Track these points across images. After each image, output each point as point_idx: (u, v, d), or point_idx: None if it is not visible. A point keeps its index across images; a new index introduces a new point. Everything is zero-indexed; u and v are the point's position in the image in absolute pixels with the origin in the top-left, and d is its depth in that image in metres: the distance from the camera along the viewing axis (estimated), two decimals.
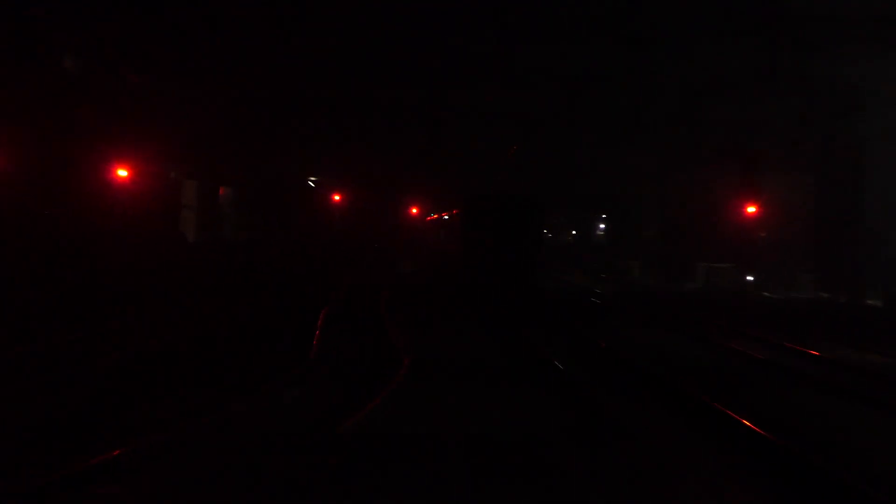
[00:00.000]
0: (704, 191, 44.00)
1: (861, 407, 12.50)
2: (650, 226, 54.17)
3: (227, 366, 14.33)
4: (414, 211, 64.12)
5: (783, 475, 8.60)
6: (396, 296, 30.57)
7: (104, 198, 30.02)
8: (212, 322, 20.44)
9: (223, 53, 27.51)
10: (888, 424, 11.54)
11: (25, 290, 22.67)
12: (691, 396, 12.08)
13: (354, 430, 9.99)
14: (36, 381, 12.35)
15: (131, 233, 31.36)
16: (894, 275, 32.99)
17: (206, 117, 35.01)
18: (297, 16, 24.05)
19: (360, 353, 16.38)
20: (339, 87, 32.34)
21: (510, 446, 9.49)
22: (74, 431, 9.61)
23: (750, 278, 40.43)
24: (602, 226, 74.48)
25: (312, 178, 55.67)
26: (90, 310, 20.89)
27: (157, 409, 10.85)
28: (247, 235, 46.41)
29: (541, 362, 15.51)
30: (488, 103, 34.56)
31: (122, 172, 30.10)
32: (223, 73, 29.94)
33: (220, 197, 45.95)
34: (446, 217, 62.11)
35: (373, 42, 26.37)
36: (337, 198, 55.12)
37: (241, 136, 39.06)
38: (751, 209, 36.11)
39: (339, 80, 31.16)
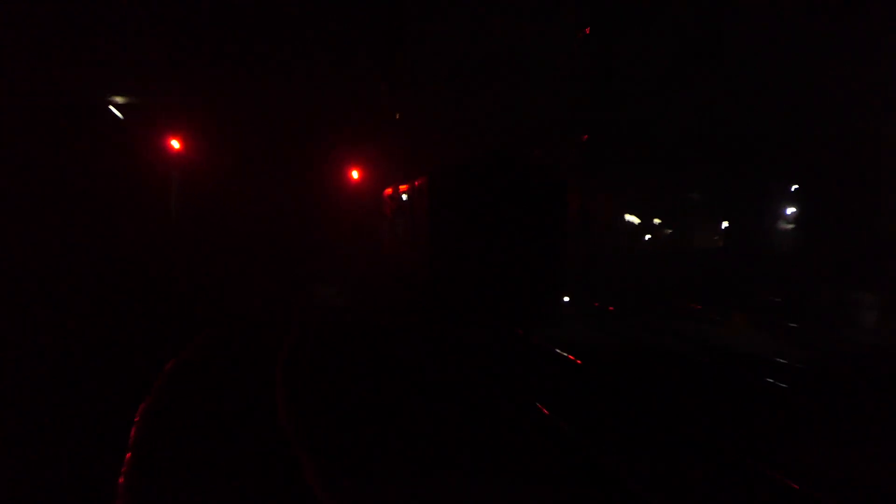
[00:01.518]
0: None
1: None
2: None
3: None
4: (355, 175, 33.61)
5: None
6: (312, 359, 16.58)
7: None
8: None
9: None
10: None
11: None
12: None
13: None
14: None
15: None
16: None
17: None
18: None
19: None
20: None
21: None
22: None
23: None
24: (790, 210, 36.92)
25: (121, 101, 29.28)
26: None
27: None
28: None
29: None
30: None
31: None
32: None
33: None
34: (404, 195, 27.99)
35: None
36: (176, 144, 29.89)
37: None
38: None
39: None
